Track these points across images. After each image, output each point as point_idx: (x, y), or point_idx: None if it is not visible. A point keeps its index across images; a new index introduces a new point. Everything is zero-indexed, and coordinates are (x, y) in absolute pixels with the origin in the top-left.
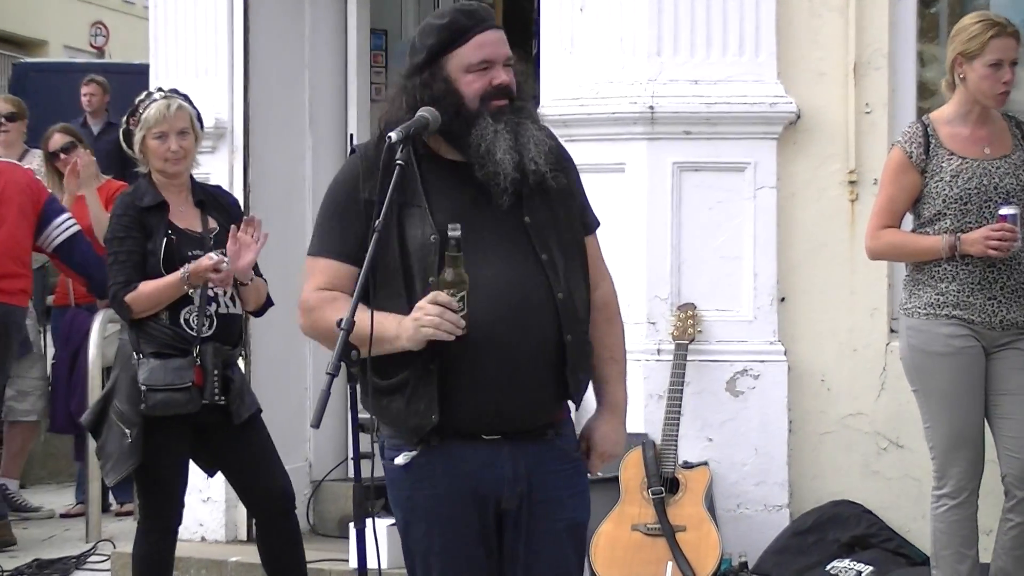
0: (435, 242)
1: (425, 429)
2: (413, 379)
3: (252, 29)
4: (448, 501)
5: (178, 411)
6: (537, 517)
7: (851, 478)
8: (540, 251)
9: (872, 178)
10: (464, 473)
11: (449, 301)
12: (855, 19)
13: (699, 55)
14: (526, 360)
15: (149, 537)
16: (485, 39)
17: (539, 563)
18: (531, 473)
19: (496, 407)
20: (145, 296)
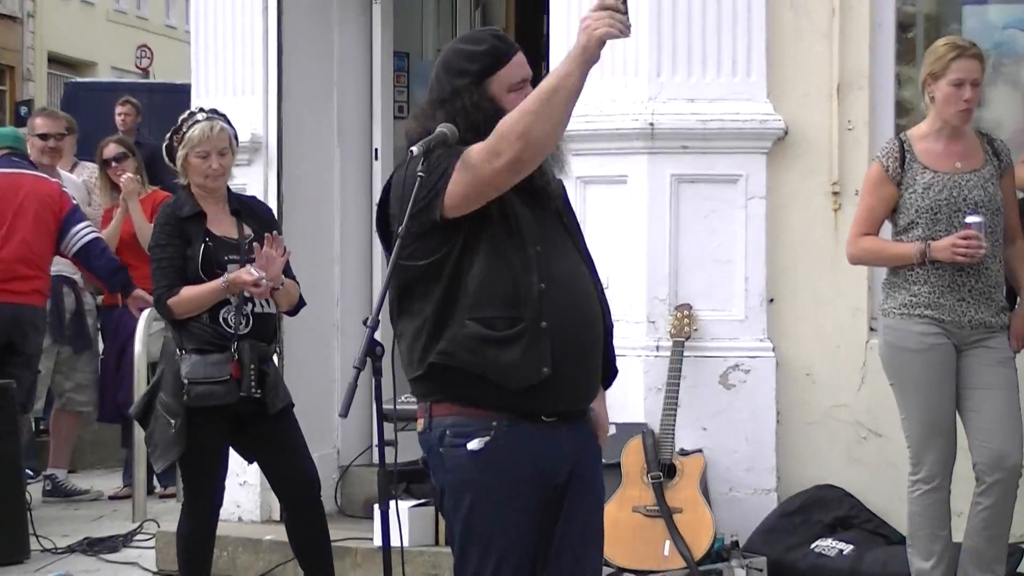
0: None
1: (532, 381)
2: (530, 332)
3: (285, 51)
4: (517, 483)
5: (217, 402)
6: (578, 492)
7: (834, 464)
8: (581, 249)
9: (854, 189)
10: (530, 455)
11: (616, 3)
12: (838, 43)
13: (695, 76)
14: (592, 347)
15: (191, 517)
16: (519, 60)
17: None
18: (577, 452)
19: (571, 389)
20: (187, 300)
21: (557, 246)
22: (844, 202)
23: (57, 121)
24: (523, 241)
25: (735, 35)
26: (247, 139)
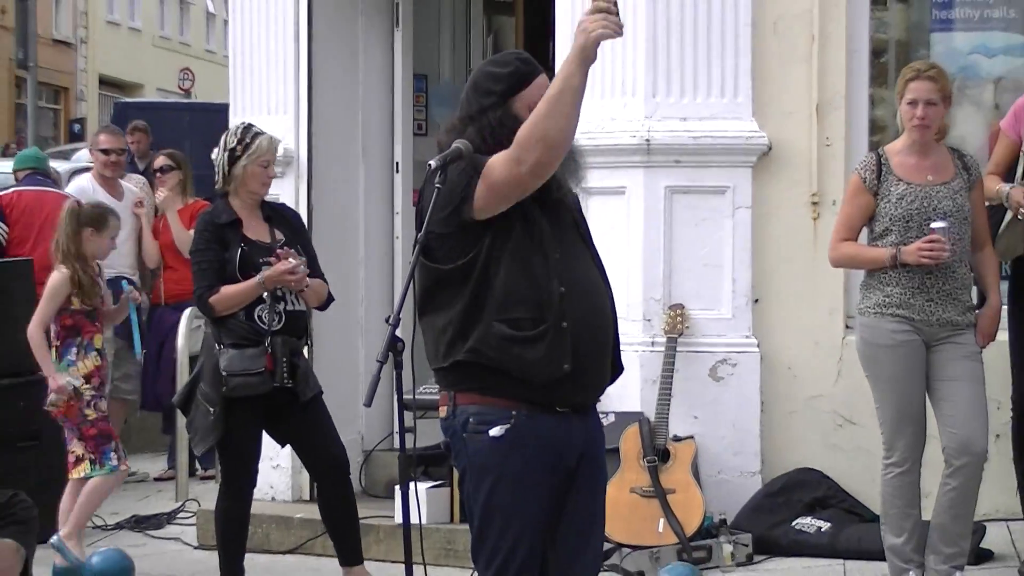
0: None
1: (555, 376)
2: (552, 332)
3: (315, 74)
4: (534, 467)
5: (252, 392)
6: (587, 474)
7: (813, 449)
8: (594, 255)
9: (831, 200)
10: (545, 442)
11: (608, 6)
12: (817, 67)
13: (687, 97)
14: (606, 345)
15: (229, 497)
16: (541, 81)
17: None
18: (587, 440)
19: (588, 383)
20: (227, 297)
21: (574, 253)
22: (822, 211)
23: (118, 138)
24: (544, 249)
25: (724, 59)
26: (280, 154)
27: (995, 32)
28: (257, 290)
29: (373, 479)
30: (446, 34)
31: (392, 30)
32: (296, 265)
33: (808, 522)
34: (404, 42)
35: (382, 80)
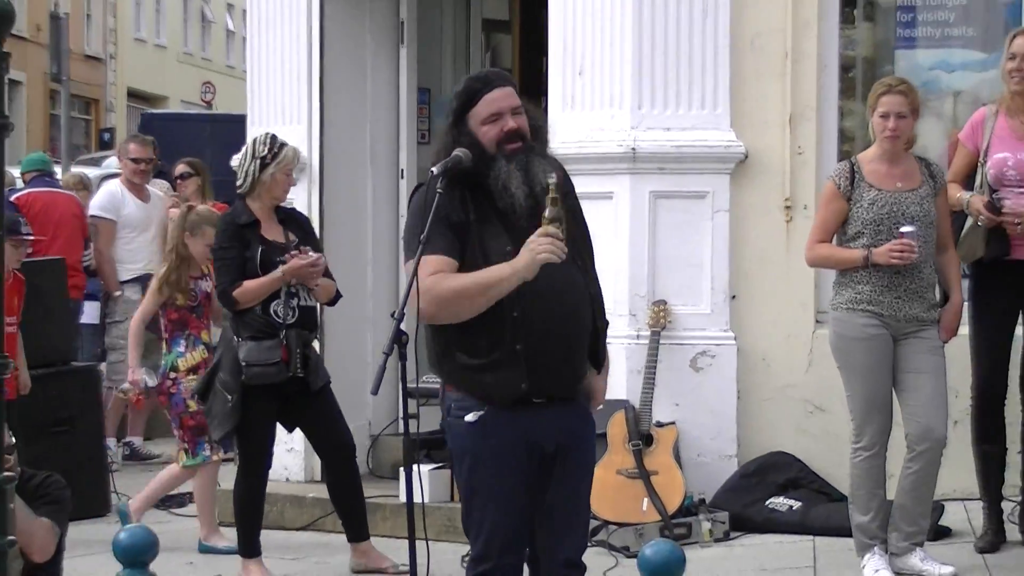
0: (510, 251)
1: (515, 397)
2: (505, 356)
3: (326, 87)
4: (508, 451)
5: (268, 381)
6: (567, 459)
7: (785, 434)
8: (576, 259)
9: (803, 204)
10: (521, 428)
11: (556, 232)
12: (790, 81)
13: (670, 109)
14: (576, 343)
15: (246, 478)
16: (493, 96)
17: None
18: (566, 427)
19: (553, 377)
20: (248, 291)
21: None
22: (795, 215)
23: (147, 148)
24: None
25: (704, 74)
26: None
27: (955, 49)
28: (277, 283)
29: (380, 461)
30: (447, 50)
31: (398, 47)
32: (317, 258)
33: (780, 501)
34: (409, 58)
35: (388, 93)
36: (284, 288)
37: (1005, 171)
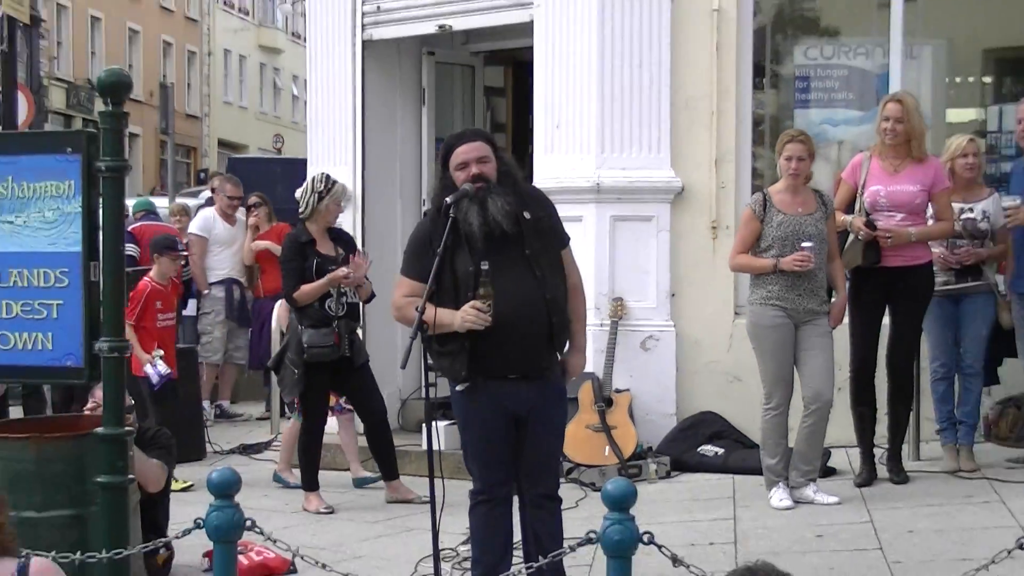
0: (473, 271)
1: (461, 381)
2: (456, 351)
3: (366, 138)
4: (488, 413)
5: (324, 359)
6: (538, 420)
7: (712, 398)
8: (536, 270)
9: (726, 225)
10: (499, 397)
11: (481, 307)
12: (716, 133)
13: (626, 153)
14: (533, 335)
15: (306, 431)
16: (463, 149)
17: (538, 445)
18: (536, 396)
19: (518, 360)
20: (305, 293)
21: (502, 277)
22: (719, 234)
23: (239, 188)
24: (456, 292)
25: (651, 127)
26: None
27: (838, 109)
28: (325, 287)
29: (407, 419)
30: (458, 110)
31: (420, 107)
32: (348, 272)
33: (708, 448)
34: (429, 116)
35: (413, 142)
36: (335, 289)
37: (878, 199)
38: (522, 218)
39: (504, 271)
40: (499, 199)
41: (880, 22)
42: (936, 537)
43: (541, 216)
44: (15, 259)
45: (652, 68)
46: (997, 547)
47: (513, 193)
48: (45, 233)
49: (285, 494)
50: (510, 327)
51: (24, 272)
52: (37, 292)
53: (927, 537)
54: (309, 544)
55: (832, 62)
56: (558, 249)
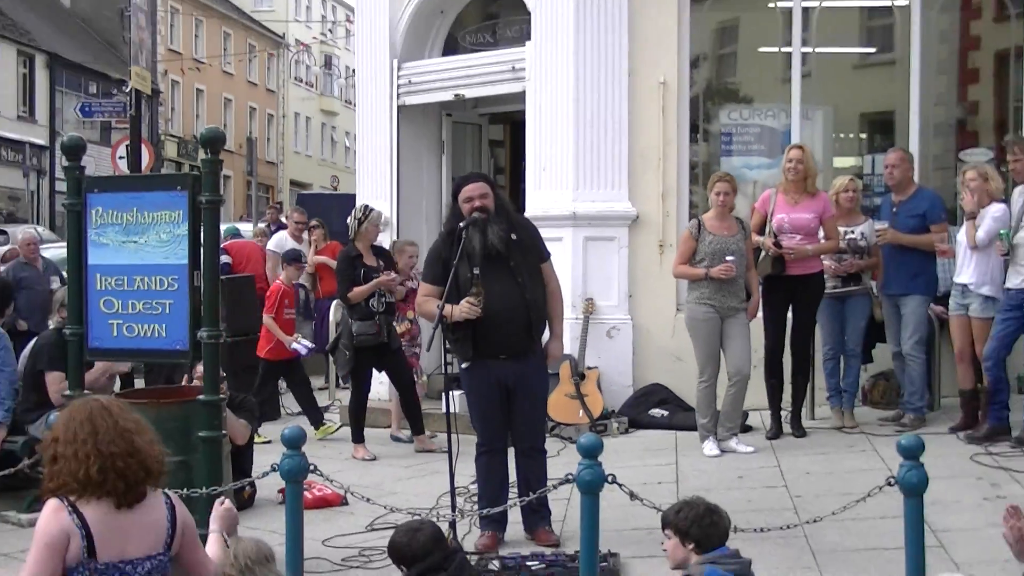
0: (469, 277)
1: (468, 357)
2: (463, 338)
3: (400, 179)
4: (484, 384)
5: (368, 344)
6: (523, 390)
7: (659, 374)
8: (518, 277)
9: (669, 244)
10: (492, 371)
11: (473, 301)
12: (662, 174)
13: (595, 189)
14: (515, 325)
15: (356, 398)
16: (468, 188)
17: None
18: (520, 371)
19: (505, 344)
20: (355, 294)
21: (494, 282)
22: (665, 250)
23: (304, 216)
24: (459, 293)
25: (613, 170)
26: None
27: (752, 157)
28: (371, 290)
29: (430, 389)
30: (469, 158)
31: (441, 155)
32: (395, 279)
33: (656, 411)
34: (447, 162)
35: (435, 182)
36: (376, 292)
37: (783, 224)
38: (510, 240)
39: (495, 278)
40: (496, 227)
41: (784, 92)
42: (827, 477)
43: (524, 238)
44: (139, 270)
45: (614, 126)
46: (871, 484)
47: (506, 221)
48: (160, 250)
49: (341, 445)
50: (498, 319)
51: (145, 279)
52: (154, 294)
53: (820, 477)
54: (357, 483)
55: (748, 122)
56: (538, 263)
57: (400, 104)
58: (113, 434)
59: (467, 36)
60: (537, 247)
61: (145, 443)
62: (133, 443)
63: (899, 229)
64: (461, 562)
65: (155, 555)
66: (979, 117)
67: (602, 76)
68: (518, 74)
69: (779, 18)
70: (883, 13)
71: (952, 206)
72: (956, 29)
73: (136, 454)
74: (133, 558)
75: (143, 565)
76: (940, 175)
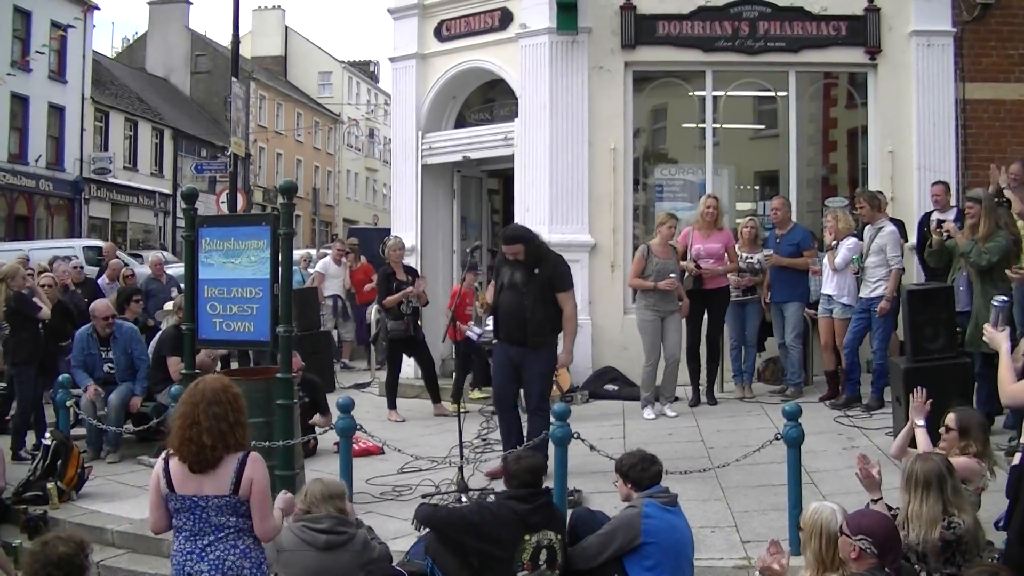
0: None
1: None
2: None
3: (424, 217)
4: (503, 359)
5: (400, 337)
6: (524, 367)
7: (612, 359)
8: (524, 300)
9: (619, 265)
10: (507, 350)
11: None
12: (614, 213)
13: (564, 224)
14: (520, 327)
15: (390, 376)
16: (505, 248)
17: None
18: (521, 353)
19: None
20: (389, 302)
21: (511, 296)
22: (616, 270)
23: (344, 245)
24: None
25: (578, 211)
26: (410, 246)
27: (678, 202)
28: (401, 298)
29: (445, 370)
30: (472, 201)
31: (453, 200)
32: (411, 291)
33: (609, 387)
34: (457, 205)
35: (448, 220)
36: (405, 299)
37: (699, 252)
38: (532, 273)
39: (512, 293)
40: (520, 267)
41: (700, 156)
42: (732, 433)
43: (544, 272)
44: (234, 283)
45: (578, 179)
46: (764, 439)
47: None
48: (250, 269)
49: (379, 410)
50: (508, 319)
51: (239, 289)
52: (246, 300)
53: (727, 433)
54: (391, 438)
55: (674, 177)
56: (553, 291)
57: (423, 163)
58: (203, 416)
59: (472, 114)
60: (554, 281)
61: (228, 424)
62: (217, 424)
63: (781, 254)
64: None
65: (224, 495)
66: (838, 175)
67: (569, 144)
68: (509, 142)
69: (696, 103)
70: (770, 100)
71: (820, 237)
72: (820, 112)
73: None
74: (207, 495)
75: (215, 501)
76: (811, 216)
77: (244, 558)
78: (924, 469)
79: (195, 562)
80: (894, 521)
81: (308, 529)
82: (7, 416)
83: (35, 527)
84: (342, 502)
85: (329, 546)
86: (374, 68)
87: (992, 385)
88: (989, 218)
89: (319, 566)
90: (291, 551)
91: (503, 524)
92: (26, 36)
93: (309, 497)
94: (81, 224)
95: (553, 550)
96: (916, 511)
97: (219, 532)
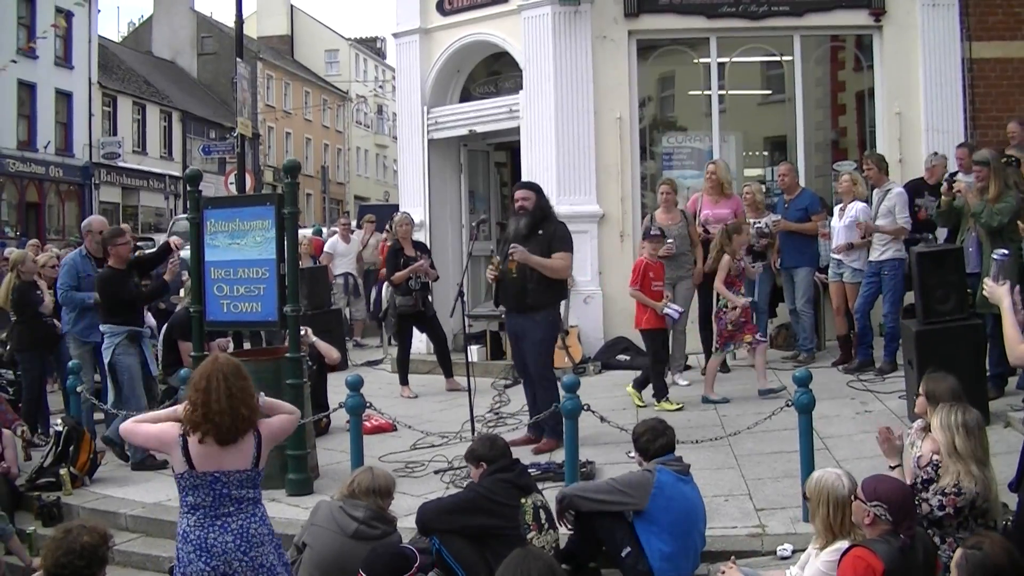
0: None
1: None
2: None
3: (431, 192)
4: (510, 328)
5: (410, 312)
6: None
7: (623, 329)
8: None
9: (628, 234)
10: (511, 319)
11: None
12: (621, 184)
13: (572, 195)
14: (520, 295)
15: (400, 352)
16: (516, 192)
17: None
18: (522, 322)
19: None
20: (398, 278)
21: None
22: (624, 239)
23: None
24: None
25: (586, 182)
26: (419, 222)
27: (686, 169)
28: (408, 274)
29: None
30: (480, 176)
31: (460, 175)
32: (421, 266)
33: (622, 356)
34: (464, 179)
35: (455, 194)
36: (414, 274)
37: (708, 218)
38: (536, 232)
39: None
40: (525, 219)
41: (707, 123)
42: (744, 401)
43: (547, 232)
44: (240, 264)
45: (585, 150)
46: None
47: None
48: (256, 249)
49: (391, 387)
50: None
51: (245, 270)
52: (253, 280)
53: (739, 402)
54: (403, 415)
55: (681, 145)
56: (551, 250)
57: (430, 138)
58: (219, 394)
59: (477, 87)
60: (553, 241)
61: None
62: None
63: (789, 219)
64: (522, 468)
65: (247, 469)
66: (846, 138)
67: (575, 114)
68: (514, 114)
69: (701, 70)
70: (776, 66)
71: (828, 202)
72: (827, 76)
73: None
74: (228, 470)
75: (236, 476)
76: (819, 180)
77: (262, 524)
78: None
79: (218, 533)
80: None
81: (344, 512)
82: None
83: (49, 513)
84: (384, 500)
85: (358, 536)
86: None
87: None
88: (998, 179)
89: (341, 550)
90: (321, 527)
91: (500, 492)
92: (31, 23)
93: (355, 484)
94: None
95: (548, 510)
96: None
97: (239, 504)
